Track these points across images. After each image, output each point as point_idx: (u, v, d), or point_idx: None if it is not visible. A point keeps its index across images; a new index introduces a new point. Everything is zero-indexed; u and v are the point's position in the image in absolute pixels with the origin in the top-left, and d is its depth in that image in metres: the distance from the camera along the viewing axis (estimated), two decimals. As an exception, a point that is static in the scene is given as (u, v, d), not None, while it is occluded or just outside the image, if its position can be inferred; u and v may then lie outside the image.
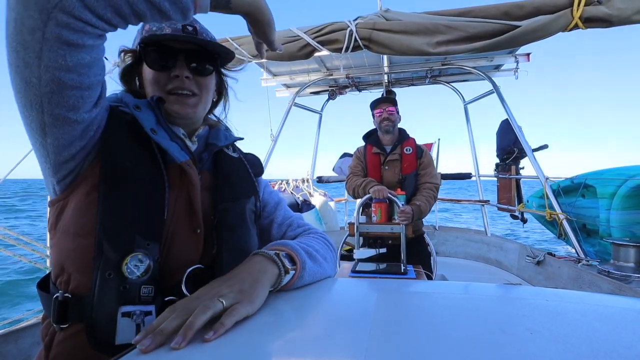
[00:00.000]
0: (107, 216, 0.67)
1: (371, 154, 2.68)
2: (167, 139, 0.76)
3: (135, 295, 0.66)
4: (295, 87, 4.45)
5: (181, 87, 0.79)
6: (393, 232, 2.16)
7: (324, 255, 0.84)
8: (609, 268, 2.27)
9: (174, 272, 0.73)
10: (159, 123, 0.77)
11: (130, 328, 0.65)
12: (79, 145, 0.68)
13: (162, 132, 0.76)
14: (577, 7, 1.95)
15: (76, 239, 0.67)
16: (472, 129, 4.59)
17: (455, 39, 2.16)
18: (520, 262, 3.34)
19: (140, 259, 0.67)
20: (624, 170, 2.96)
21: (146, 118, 0.75)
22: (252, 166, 0.96)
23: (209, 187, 0.83)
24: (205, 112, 0.89)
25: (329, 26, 2.41)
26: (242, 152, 0.99)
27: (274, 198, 1.00)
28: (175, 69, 0.78)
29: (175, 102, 0.80)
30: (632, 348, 0.42)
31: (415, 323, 0.52)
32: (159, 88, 0.79)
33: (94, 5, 0.52)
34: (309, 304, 0.65)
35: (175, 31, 0.78)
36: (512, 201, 4.05)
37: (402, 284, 0.76)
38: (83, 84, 0.60)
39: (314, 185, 4.99)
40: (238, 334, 0.50)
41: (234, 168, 0.90)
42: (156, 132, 0.74)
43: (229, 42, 2.63)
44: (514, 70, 3.55)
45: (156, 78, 0.79)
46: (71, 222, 0.68)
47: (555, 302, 0.58)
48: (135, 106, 0.75)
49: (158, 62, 0.79)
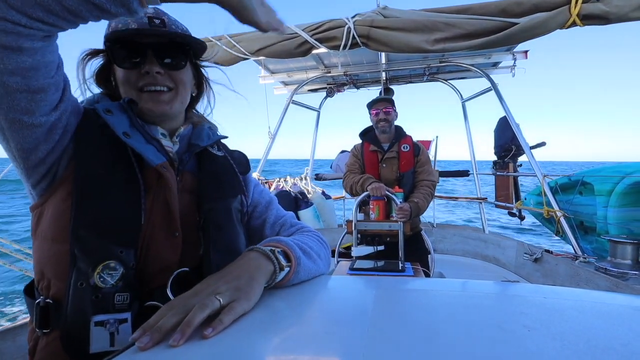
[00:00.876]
0: (79, 224, 0.66)
1: (369, 151, 2.67)
2: (142, 142, 0.74)
3: (108, 304, 0.65)
4: (293, 84, 4.44)
5: (153, 83, 0.76)
6: (391, 229, 2.17)
7: (318, 252, 0.83)
8: (606, 265, 2.28)
9: (153, 276, 0.72)
10: (133, 126, 0.75)
11: (104, 337, 0.64)
12: (45, 149, 0.67)
13: (136, 135, 0.74)
14: (574, 5, 1.95)
15: (53, 245, 0.67)
16: (470, 126, 4.60)
17: (453, 36, 2.15)
18: (518, 259, 3.35)
19: (114, 267, 0.66)
20: (622, 167, 2.97)
21: (118, 122, 0.72)
22: (238, 164, 0.93)
23: (190, 189, 0.80)
24: (183, 108, 0.85)
25: (327, 23, 2.41)
26: (229, 149, 0.96)
27: (265, 197, 0.98)
28: (145, 65, 0.75)
29: (149, 100, 0.77)
30: (629, 345, 0.42)
31: (413, 320, 0.52)
32: (130, 86, 0.77)
33: (18, 4, 0.49)
34: (307, 301, 0.65)
35: (142, 25, 0.74)
36: (510, 198, 4.06)
37: (399, 281, 0.76)
38: (31, 87, 0.58)
39: (312, 182, 4.99)
40: (235, 331, 0.50)
41: (218, 167, 0.87)
42: (129, 136, 0.72)
43: (226, 39, 2.62)
44: (512, 68, 3.55)
45: (126, 76, 0.76)
46: (49, 228, 0.68)
47: (552, 299, 0.58)
48: (106, 110, 0.73)
49: (126, 59, 0.75)
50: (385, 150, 2.64)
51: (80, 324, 0.64)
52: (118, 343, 0.65)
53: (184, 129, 0.85)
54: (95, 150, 0.71)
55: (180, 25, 0.81)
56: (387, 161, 2.63)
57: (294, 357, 0.43)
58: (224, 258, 0.73)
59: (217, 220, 0.80)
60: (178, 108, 0.82)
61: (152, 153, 0.73)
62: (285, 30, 0.56)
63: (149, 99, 0.77)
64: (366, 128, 2.85)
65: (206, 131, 0.89)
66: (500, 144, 4.10)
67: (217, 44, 2.61)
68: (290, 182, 4.73)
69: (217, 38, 2.65)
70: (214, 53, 0.85)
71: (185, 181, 0.80)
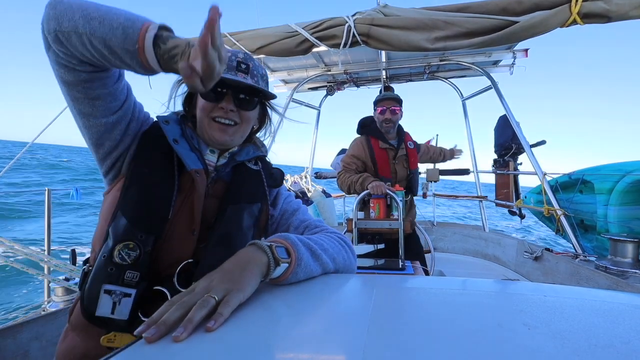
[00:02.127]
0: (118, 209, 0.81)
1: (379, 149, 2.60)
2: (187, 149, 0.88)
3: (119, 277, 0.77)
4: (293, 82, 4.44)
5: (224, 117, 0.91)
6: (391, 227, 2.17)
7: (334, 253, 0.85)
8: (607, 263, 2.28)
9: (166, 265, 0.83)
10: (183, 135, 0.91)
11: (108, 304, 0.77)
12: (109, 145, 0.85)
13: (183, 142, 0.89)
14: (575, 3, 1.95)
15: (104, 224, 0.83)
16: (470, 125, 4.59)
17: (454, 35, 2.15)
18: (518, 257, 3.36)
19: (133, 247, 0.78)
20: (622, 165, 2.96)
21: (171, 130, 0.89)
22: (269, 177, 1.05)
23: (219, 195, 0.93)
24: (242, 140, 1.00)
25: (327, 22, 2.40)
26: (269, 166, 1.09)
27: (292, 206, 1.08)
28: (223, 101, 0.90)
29: (218, 129, 0.91)
30: (629, 343, 0.42)
31: (413, 319, 0.52)
32: (205, 114, 0.92)
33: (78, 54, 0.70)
34: (307, 299, 0.65)
35: (231, 69, 0.90)
36: (510, 197, 4.06)
37: (400, 279, 0.76)
38: (89, 95, 0.77)
39: (312, 181, 4.99)
40: (236, 329, 0.50)
41: (246, 178, 0.99)
42: (178, 142, 0.88)
43: (226, 37, 2.61)
44: (510, 66, 3.55)
45: (205, 106, 0.91)
46: (105, 211, 0.85)
47: (552, 297, 0.58)
48: (165, 121, 0.90)
49: (209, 94, 0.90)
50: (397, 148, 2.62)
51: (95, 290, 0.77)
52: (117, 312, 0.77)
53: (236, 148, 1.00)
54: (149, 153, 0.87)
55: (261, 70, 0.97)
56: (399, 158, 2.62)
57: (294, 355, 0.43)
58: (216, 253, 0.83)
59: (223, 220, 0.89)
60: (237, 141, 0.98)
61: (192, 159, 0.87)
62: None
63: (217, 129, 0.91)
64: (365, 120, 2.77)
65: (248, 149, 1.02)
66: (501, 143, 4.09)
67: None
68: (291, 180, 4.73)
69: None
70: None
71: (217, 188, 0.94)
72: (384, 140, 2.60)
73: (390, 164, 2.59)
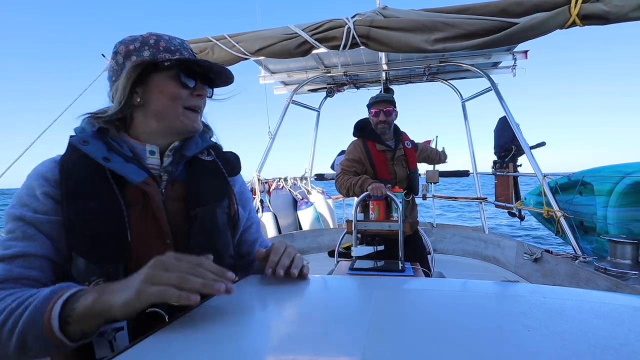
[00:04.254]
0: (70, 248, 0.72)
1: (376, 151, 2.60)
2: (122, 162, 0.79)
3: None
4: (293, 84, 4.44)
5: (199, 105, 0.87)
6: (391, 229, 2.17)
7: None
8: (606, 265, 2.28)
9: None
10: (110, 150, 0.80)
11: (104, 346, 0.70)
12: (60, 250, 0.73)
13: (115, 157, 0.79)
14: (574, 5, 1.95)
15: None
16: (470, 127, 4.59)
17: (453, 36, 2.15)
18: (518, 259, 3.35)
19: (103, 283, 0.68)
20: (622, 167, 2.96)
21: (95, 150, 0.78)
22: (226, 165, 0.98)
23: (180, 197, 0.86)
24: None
25: (327, 23, 2.40)
26: (221, 151, 1.01)
27: (256, 218, 1.09)
28: (197, 89, 0.86)
29: (193, 118, 0.86)
30: (628, 345, 0.42)
31: (413, 320, 0.52)
32: (177, 102, 0.84)
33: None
34: (307, 301, 0.65)
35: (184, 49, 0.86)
36: (510, 198, 4.06)
37: (400, 281, 0.77)
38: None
39: (313, 182, 4.99)
40: (235, 331, 0.50)
41: (205, 173, 0.92)
42: (109, 160, 0.77)
43: (226, 39, 2.62)
44: (512, 68, 3.55)
45: (178, 94, 0.83)
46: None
47: (552, 299, 0.58)
48: (82, 141, 0.78)
49: (186, 81, 0.84)
50: (394, 149, 2.63)
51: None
52: (117, 349, 0.64)
53: (178, 143, 0.90)
54: (76, 181, 0.75)
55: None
56: (397, 159, 2.63)
57: (293, 357, 0.43)
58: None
59: (200, 227, 0.84)
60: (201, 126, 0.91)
61: (133, 172, 0.78)
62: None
63: (192, 118, 0.86)
64: (361, 123, 2.77)
65: (195, 140, 0.93)
66: (500, 144, 4.10)
67: (217, 44, 2.61)
68: (290, 182, 4.73)
69: (217, 38, 2.65)
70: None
71: (176, 190, 0.86)
72: (380, 142, 2.61)
73: (388, 165, 2.60)
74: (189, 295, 0.55)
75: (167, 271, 0.59)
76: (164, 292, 0.55)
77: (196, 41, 2.72)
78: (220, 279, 0.60)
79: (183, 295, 0.55)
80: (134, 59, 0.81)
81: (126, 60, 0.82)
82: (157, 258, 0.62)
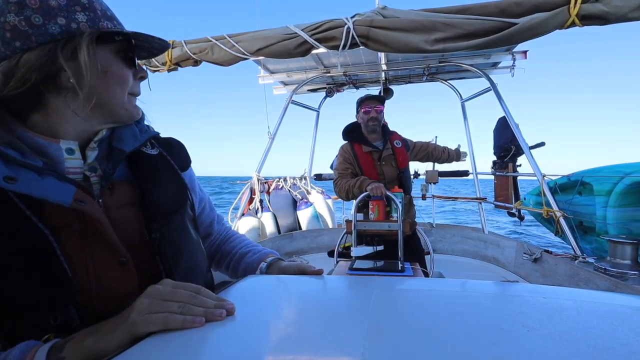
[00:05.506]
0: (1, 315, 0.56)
1: (362, 153, 2.63)
2: (35, 179, 0.57)
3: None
4: (293, 84, 4.44)
5: (139, 91, 0.74)
6: (390, 229, 2.17)
7: None
8: (606, 265, 2.28)
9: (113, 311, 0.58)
10: (12, 163, 0.56)
11: None
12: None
13: (23, 173, 0.56)
14: (574, 5, 1.95)
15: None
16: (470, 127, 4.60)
17: (453, 37, 2.15)
18: (517, 259, 3.35)
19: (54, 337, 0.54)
20: (621, 167, 2.97)
21: None
22: (177, 160, 0.83)
23: (131, 201, 0.70)
24: None
25: (326, 23, 2.40)
26: (163, 140, 0.84)
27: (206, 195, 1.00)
28: (140, 71, 0.73)
29: (136, 107, 0.73)
30: (628, 345, 0.42)
31: (413, 320, 0.52)
32: (125, 88, 0.68)
33: None
34: (306, 301, 0.65)
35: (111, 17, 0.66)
36: (509, 199, 4.06)
37: (399, 281, 0.76)
38: None
39: (312, 182, 4.99)
40: (234, 331, 0.50)
41: (158, 172, 0.76)
42: (15, 179, 0.55)
43: (225, 39, 2.62)
44: (511, 68, 3.56)
45: (127, 77, 0.68)
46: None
47: (552, 299, 0.58)
48: None
49: (132, 60, 0.69)
50: (381, 149, 2.63)
51: None
52: None
53: (106, 132, 0.70)
54: None
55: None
56: (385, 159, 2.63)
57: (292, 357, 0.43)
58: (184, 278, 0.66)
59: (172, 241, 0.72)
60: None
61: (54, 190, 0.57)
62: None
63: (135, 105, 0.73)
64: (350, 127, 2.79)
65: (131, 130, 0.74)
66: (500, 144, 4.10)
67: (217, 44, 2.61)
68: (290, 182, 4.73)
69: (217, 38, 2.65)
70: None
71: (121, 194, 0.69)
72: (367, 144, 2.63)
73: (376, 166, 2.61)
74: (194, 318, 0.51)
75: (165, 300, 0.54)
76: (166, 318, 0.51)
77: (196, 41, 2.72)
78: (221, 303, 0.57)
79: (188, 319, 0.51)
80: (64, 22, 0.59)
81: (48, 21, 0.58)
82: (153, 286, 0.57)
